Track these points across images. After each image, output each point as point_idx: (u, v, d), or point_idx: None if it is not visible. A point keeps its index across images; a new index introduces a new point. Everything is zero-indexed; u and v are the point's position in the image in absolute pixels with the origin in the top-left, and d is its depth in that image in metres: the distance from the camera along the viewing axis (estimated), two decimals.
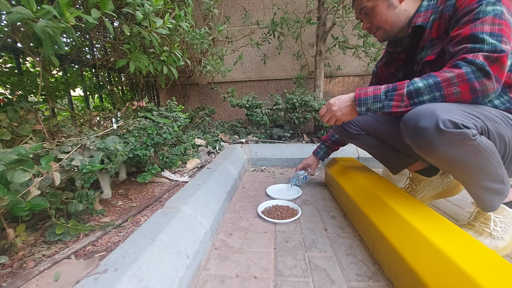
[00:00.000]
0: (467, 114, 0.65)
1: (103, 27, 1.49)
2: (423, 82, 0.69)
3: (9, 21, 0.96)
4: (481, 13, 0.66)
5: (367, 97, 0.76)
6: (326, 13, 2.46)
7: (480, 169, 0.69)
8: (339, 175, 1.27)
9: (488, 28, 0.64)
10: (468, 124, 0.62)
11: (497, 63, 0.62)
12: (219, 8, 2.78)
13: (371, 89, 0.77)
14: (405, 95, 0.70)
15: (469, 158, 0.67)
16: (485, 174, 0.70)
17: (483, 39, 0.64)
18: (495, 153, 0.67)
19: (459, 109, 0.65)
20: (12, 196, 0.68)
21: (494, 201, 0.75)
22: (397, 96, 0.71)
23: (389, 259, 0.71)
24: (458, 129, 0.62)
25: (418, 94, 0.69)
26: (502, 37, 0.63)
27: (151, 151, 1.35)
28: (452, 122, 0.62)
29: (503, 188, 0.73)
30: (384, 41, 0.95)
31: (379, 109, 0.75)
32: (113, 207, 1.17)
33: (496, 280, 0.47)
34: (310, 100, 2.34)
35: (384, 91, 0.74)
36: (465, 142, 0.63)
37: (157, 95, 2.82)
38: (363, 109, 0.78)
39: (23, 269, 0.75)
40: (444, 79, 0.66)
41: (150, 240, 0.68)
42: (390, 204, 0.81)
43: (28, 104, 1.01)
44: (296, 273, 0.73)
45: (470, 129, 0.62)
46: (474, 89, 0.64)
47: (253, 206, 1.19)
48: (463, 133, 0.62)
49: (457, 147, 0.65)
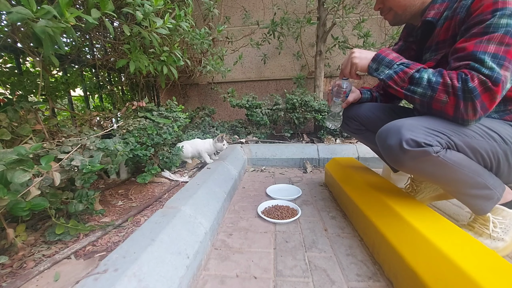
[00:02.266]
0: (432, 131, 0.68)
1: (103, 27, 1.49)
2: (428, 76, 0.70)
3: (9, 21, 0.96)
4: (491, 27, 0.62)
5: (385, 58, 0.78)
6: (326, 13, 2.46)
7: (453, 180, 0.73)
8: (339, 175, 1.27)
9: (493, 48, 0.62)
10: (430, 142, 0.67)
11: (490, 92, 0.62)
12: (219, 8, 2.78)
13: (394, 54, 0.79)
14: (408, 77, 0.73)
15: (437, 172, 0.72)
16: (460, 183, 0.74)
17: (483, 61, 0.62)
18: (466, 165, 0.70)
19: (424, 127, 0.69)
20: (12, 196, 0.68)
21: (482, 205, 0.77)
22: (403, 73, 0.74)
23: (389, 259, 0.71)
24: (420, 147, 0.67)
25: (417, 84, 0.71)
26: (505, 61, 0.61)
27: (151, 151, 1.35)
28: (415, 141, 0.67)
29: (489, 193, 0.74)
30: (395, 25, 0.92)
31: (384, 74, 0.78)
32: (113, 207, 1.17)
33: (496, 280, 0.47)
34: (310, 100, 2.34)
35: (400, 62, 0.76)
36: (428, 158, 0.68)
37: (157, 95, 2.82)
38: (373, 66, 0.81)
39: (23, 269, 0.75)
40: (444, 83, 0.67)
41: (150, 240, 0.68)
42: (390, 205, 0.81)
43: (28, 104, 1.01)
44: (296, 273, 0.73)
45: (432, 147, 0.67)
46: (458, 106, 0.66)
47: (253, 206, 1.19)
48: (425, 151, 0.67)
49: (422, 163, 0.71)
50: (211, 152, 1.70)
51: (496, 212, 0.78)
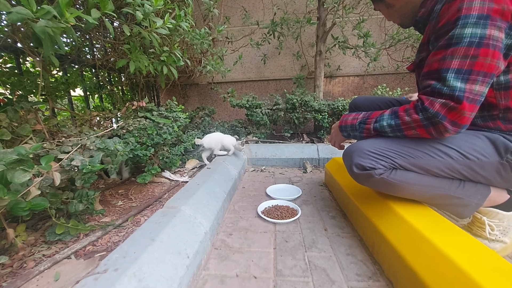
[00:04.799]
0: (377, 155, 0.75)
1: (103, 27, 1.49)
2: (387, 122, 0.76)
3: (9, 21, 0.96)
4: (455, 39, 0.61)
5: (347, 126, 0.88)
6: (326, 13, 2.46)
7: (409, 195, 0.79)
8: (339, 175, 1.27)
9: (457, 63, 0.61)
10: (374, 166, 0.75)
11: (455, 111, 0.62)
12: (219, 8, 2.78)
13: (351, 118, 0.87)
14: (372, 130, 0.80)
15: (389, 190, 0.79)
16: (419, 197, 0.79)
17: (445, 80, 0.62)
18: (416, 182, 0.75)
19: (370, 152, 0.76)
20: (12, 196, 0.68)
21: (459, 210, 0.78)
22: (365, 130, 0.82)
23: (389, 259, 0.71)
24: (364, 171, 0.77)
25: (383, 131, 0.77)
26: (470, 74, 0.60)
27: (151, 151, 1.35)
28: (361, 165, 0.77)
29: (458, 201, 0.75)
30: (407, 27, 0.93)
31: (355, 136, 0.87)
32: (113, 207, 1.17)
33: (495, 280, 0.48)
34: (310, 100, 2.34)
35: (359, 121, 0.84)
36: (374, 179, 0.76)
37: (157, 95, 2.82)
38: (345, 134, 0.91)
39: (23, 269, 0.75)
40: (403, 122, 0.72)
41: (150, 240, 0.68)
42: (390, 204, 0.81)
43: (28, 104, 1.01)
44: (296, 273, 0.73)
45: (375, 170, 0.75)
46: (430, 133, 0.68)
47: (253, 206, 1.19)
48: (369, 174, 0.76)
49: (372, 183, 0.79)
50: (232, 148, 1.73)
51: (491, 216, 0.78)
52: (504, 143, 0.69)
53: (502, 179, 0.72)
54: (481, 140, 0.72)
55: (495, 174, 0.71)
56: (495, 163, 0.70)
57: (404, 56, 2.78)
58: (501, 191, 0.77)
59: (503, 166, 0.70)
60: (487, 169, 0.71)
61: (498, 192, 0.76)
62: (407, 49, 2.72)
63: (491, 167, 0.71)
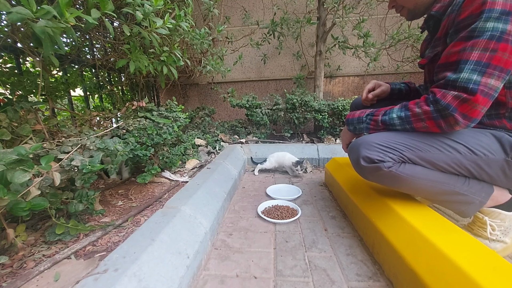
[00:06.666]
0: (385, 148, 0.74)
1: (103, 27, 1.49)
2: (397, 114, 0.75)
3: (9, 21, 0.96)
4: (477, 31, 0.61)
5: (353, 118, 0.87)
6: (326, 13, 2.46)
7: (416, 189, 0.77)
8: (339, 175, 1.27)
9: (477, 55, 0.61)
10: (382, 158, 0.73)
11: (467, 103, 0.62)
12: (219, 8, 2.78)
13: (358, 112, 0.87)
14: (380, 122, 0.79)
15: (396, 184, 0.77)
16: (424, 192, 0.77)
17: (462, 71, 0.62)
18: (423, 176, 0.74)
19: (379, 144, 0.74)
20: (12, 196, 0.68)
21: (462, 209, 0.78)
22: (373, 121, 0.81)
23: (389, 259, 0.71)
24: (373, 163, 0.74)
25: (391, 123, 0.77)
26: (488, 67, 0.60)
27: (151, 151, 1.35)
28: (369, 158, 0.74)
29: (463, 198, 0.75)
30: (412, 19, 0.92)
31: (362, 129, 0.85)
32: (113, 207, 1.17)
33: (496, 280, 0.48)
34: (310, 100, 2.34)
35: (366, 114, 0.83)
36: (382, 173, 0.74)
37: (157, 95, 2.82)
38: (351, 128, 0.89)
39: (23, 269, 0.75)
40: (413, 114, 0.71)
41: (150, 240, 0.68)
42: (390, 204, 0.81)
43: (28, 104, 1.00)
44: (296, 273, 0.73)
45: (384, 163, 0.73)
46: (440, 126, 0.68)
47: (253, 206, 1.19)
48: (377, 167, 0.74)
49: (379, 177, 0.77)
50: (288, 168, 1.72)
51: (493, 216, 0.78)
52: (509, 141, 0.70)
53: (505, 177, 0.72)
54: (487, 137, 0.72)
55: (500, 172, 0.72)
56: (501, 160, 0.70)
57: (404, 56, 2.78)
58: (503, 191, 0.77)
59: (508, 164, 0.70)
60: (492, 167, 0.71)
61: (501, 191, 0.77)
62: (407, 49, 2.72)
63: (496, 165, 0.71)
